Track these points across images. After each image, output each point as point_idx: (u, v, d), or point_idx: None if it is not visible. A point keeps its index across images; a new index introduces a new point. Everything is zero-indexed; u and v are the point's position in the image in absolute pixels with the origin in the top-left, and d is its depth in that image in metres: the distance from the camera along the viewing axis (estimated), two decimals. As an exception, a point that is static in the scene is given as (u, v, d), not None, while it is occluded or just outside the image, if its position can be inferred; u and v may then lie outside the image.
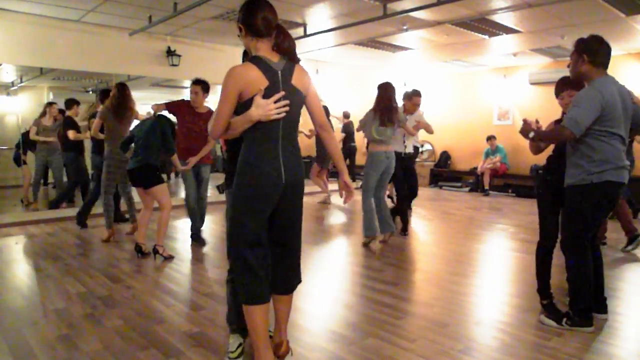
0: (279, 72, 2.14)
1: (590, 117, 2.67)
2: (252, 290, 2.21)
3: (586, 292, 2.89)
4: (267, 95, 2.09)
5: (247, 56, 2.32)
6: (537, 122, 2.99)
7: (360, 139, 10.77)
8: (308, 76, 2.28)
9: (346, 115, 9.52)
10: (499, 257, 4.85)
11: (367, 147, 5.10)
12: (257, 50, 2.16)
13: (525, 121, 2.98)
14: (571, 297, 2.94)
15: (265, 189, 2.16)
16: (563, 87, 3.13)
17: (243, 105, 2.11)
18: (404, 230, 5.61)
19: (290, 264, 2.38)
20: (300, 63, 2.27)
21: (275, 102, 2.10)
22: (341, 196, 2.47)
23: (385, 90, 4.87)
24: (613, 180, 2.75)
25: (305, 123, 2.78)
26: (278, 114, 2.11)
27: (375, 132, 4.78)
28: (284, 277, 2.37)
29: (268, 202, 2.19)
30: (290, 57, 2.20)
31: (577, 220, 2.86)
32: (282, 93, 2.12)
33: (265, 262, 2.27)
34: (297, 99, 2.21)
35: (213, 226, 6.13)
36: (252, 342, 2.29)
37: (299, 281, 2.46)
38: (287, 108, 2.13)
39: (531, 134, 2.91)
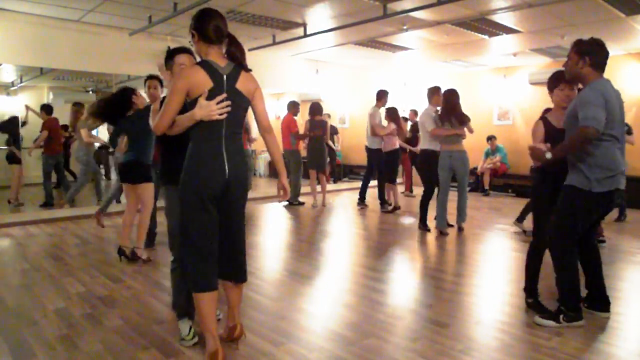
0: (225, 75, 2.33)
1: (603, 114, 2.65)
2: (202, 280, 2.39)
3: (575, 289, 2.93)
4: (211, 96, 2.27)
5: (169, 59, 2.69)
6: (545, 144, 2.93)
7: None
8: (255, 83, 2.45)
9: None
10: (499, 257, 4.84)
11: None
12: (207, 55, 2.36)
13: (532, 148, 2.89)
14: (561, 294, 2.96)
15: (209, 183, 2.33)
16: (559, 80, 3.12)
17: (191, 103, 2.29)
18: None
19: (236, 257, 2.52)
20: (300, 63, 2.35)
21: (218, 103, 2.27)
22: (278, 195, 2.62)
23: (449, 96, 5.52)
24: (611, 189, 2.78)
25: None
26: (220, 114, 2.28)
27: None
28: (231, 267, 2.52)
29: (213, 195, 2.35)
30: (238, 64, 2.38)
31: (568, 219, 2.89)
32: (225, 95, 2.30)
33: (213, 252, 2.42)
34: (240, 102, 2.38)
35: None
36: (201, 329, 2.48)
37: (244, 278, 2.58)
38: (229, 109, 2.30)
39: (548, 155, 2.80)
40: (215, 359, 2.34)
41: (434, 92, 5.83)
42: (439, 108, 5.72)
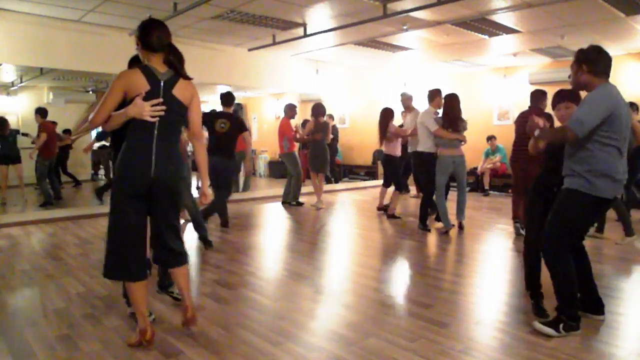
0: (162, 81, 2.49)
1: (597, 117, 2.63)
2: (116, 269, 2.58)
3: (574, 296, 2.86)
4: (147, 98, 2.43)
5: (133, 63, 2.79)
6: (545, 121, 2.91)
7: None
8: (192, 91, 2.61)
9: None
10: (499, 257, 4.84)
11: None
12: (148, 61, 2.52)
13: (532, 119, 2.91)
14: (560, 303, 2.87)
15: (134, 181, 2.49)
16: (560, 99, 3.11)
17: (128, 103, 2.43)
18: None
19: (166, 246, 2.68)
20: (300, 63, 2.39)
21: (153, 106, 2.42)
22: (200, 201, 2.95)
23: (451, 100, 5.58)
24: (608, 197, 2.75)
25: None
26: (152, 117, 2.43)
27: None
28: (163, 254, 2.72)
29: (136, 190, 2.50)
30: (176, 71, 2.54)
31: (566, 224, 2.83)
32: (160, 100, 2.45)
33: (135, 245, 2.56)
34: (175, 108, 2.52)
35: (214, 227, 6.13)
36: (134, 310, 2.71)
37: (182, 261, 2.74)
38: (162, 113, 2.45)
39: (537, 132, 2.87)
40: (144, 335, 2.61)
41: (434, 94, 5.83)
42: (439, 110, 5.73)
